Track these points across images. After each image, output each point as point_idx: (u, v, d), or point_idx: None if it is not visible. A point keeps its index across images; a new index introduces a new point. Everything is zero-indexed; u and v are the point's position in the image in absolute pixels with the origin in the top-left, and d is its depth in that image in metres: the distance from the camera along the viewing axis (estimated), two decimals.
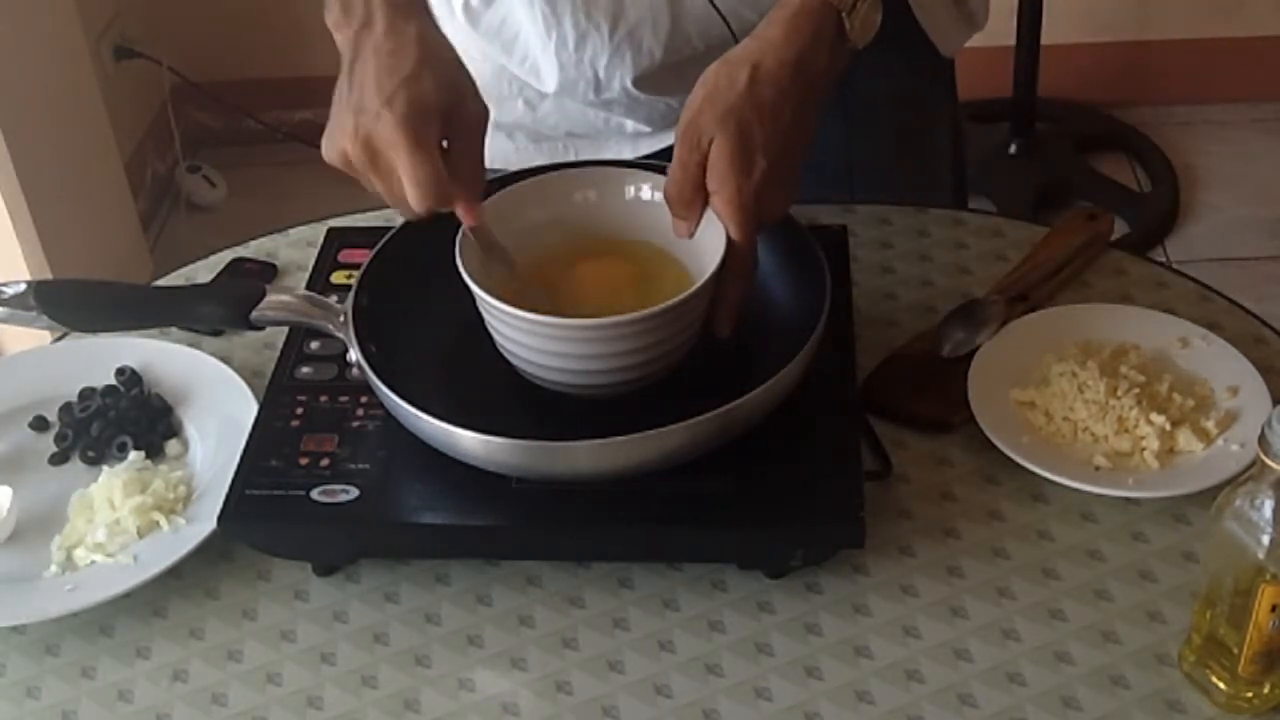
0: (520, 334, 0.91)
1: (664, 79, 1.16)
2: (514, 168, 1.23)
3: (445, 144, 0.90)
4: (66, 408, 1.06)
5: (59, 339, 1.14)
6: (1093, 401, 0.99)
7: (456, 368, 0.99)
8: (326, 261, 1.12)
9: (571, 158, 1.25)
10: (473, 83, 0.93)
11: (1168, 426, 0.97)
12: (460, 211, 0.92)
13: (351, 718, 0.87)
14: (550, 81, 1.18)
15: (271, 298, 0.97)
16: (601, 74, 1.15)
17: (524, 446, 0.87)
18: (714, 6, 1.10)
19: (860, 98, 1.22)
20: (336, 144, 0.91)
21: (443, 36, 0.94)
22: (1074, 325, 1.06)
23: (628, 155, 1.23)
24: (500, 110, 1.23)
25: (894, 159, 1.30)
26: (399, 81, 0.89)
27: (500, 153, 1.25)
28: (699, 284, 0.90)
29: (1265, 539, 0.77)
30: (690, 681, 0.87)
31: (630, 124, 1.22)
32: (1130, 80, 2.92)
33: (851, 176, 1.27)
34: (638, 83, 1.16)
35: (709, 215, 0.93)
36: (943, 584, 0.91)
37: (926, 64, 1.26)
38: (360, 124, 0.89)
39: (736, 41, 0.96)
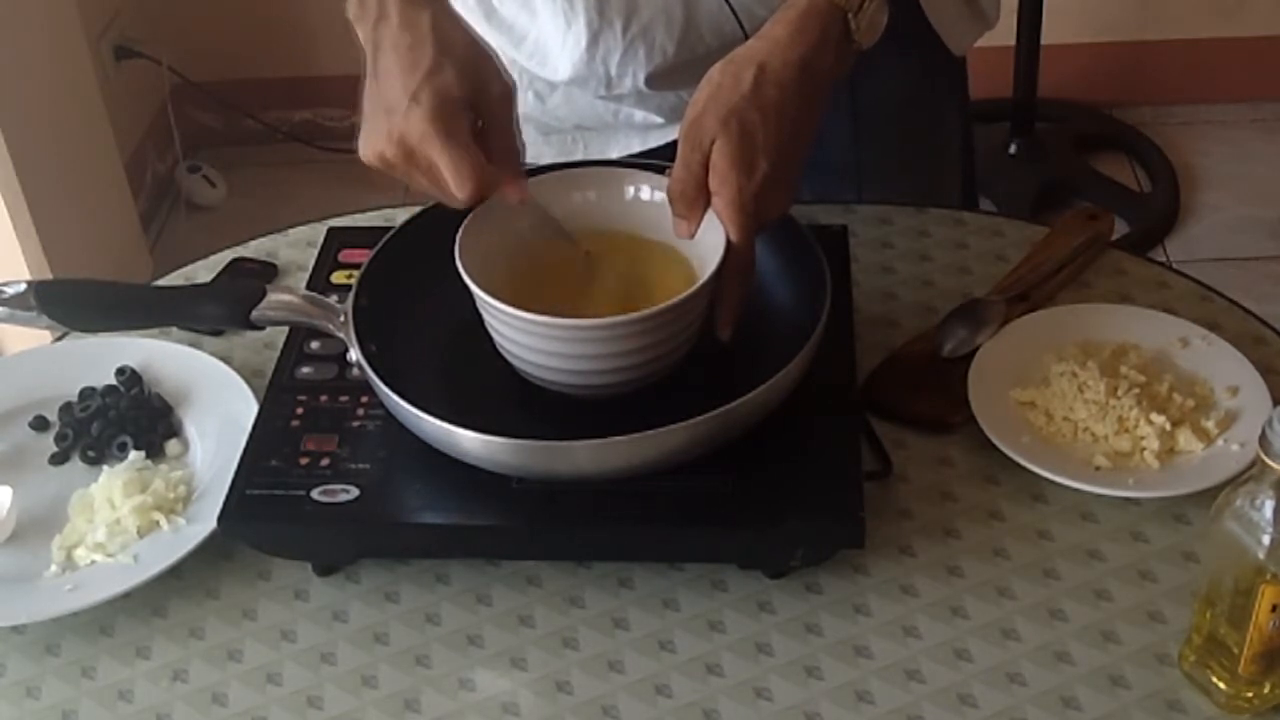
0: (520, 334, 0.91)
1: (676, 76, 1.16)
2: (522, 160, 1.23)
3: (480, 124, 0.91)
4: (66, 408, 1.06)
5: (59, 339, 1.14)
6: (1093, 401, 0.99)
7: (456, 368, 0.99)
8: (326, 261, 1.12)
9: (580, 150, 1.25)
10: (493, 61, 0.94)
11: (1168, 426, 0.97)
12: (507, 192, 0.93)
13: (351, 718, 0.87)
14: (561, 75, 1.18)
15: (272, 298, 0.97)
16: (614, 71, 1.15)
17: (524, 446, 0.87)
18: (727, 3, 1.10)
19: (869, 96, 1.22)
20: (372, 146, 0.92)
21: (457, 20, 0.94)
22: (1074, 325, 1.06)
23: (637, 148, 1.23)
24: None
25: (903, 158, 1.30)
26: (421, 76, 0.89)
27: None
28: (698, 284, 0.90)
29: (1265, 539, 0.77)
30: (690, 681, 0.87)
31: (640, 115, 1.22)
32: (1130, 80, 2.92)
33: (859, 175, 1.27)
34: (650, 80, 1.16)
35: (709, 215, 0.93)
36: (943, 584, 0.91)
37: (936, 63, 1.27)
38: (392, 125, 0.90)
39: (747, 39, 0.96)
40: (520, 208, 0.95)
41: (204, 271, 1.20)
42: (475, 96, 0.91)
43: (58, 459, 1.04)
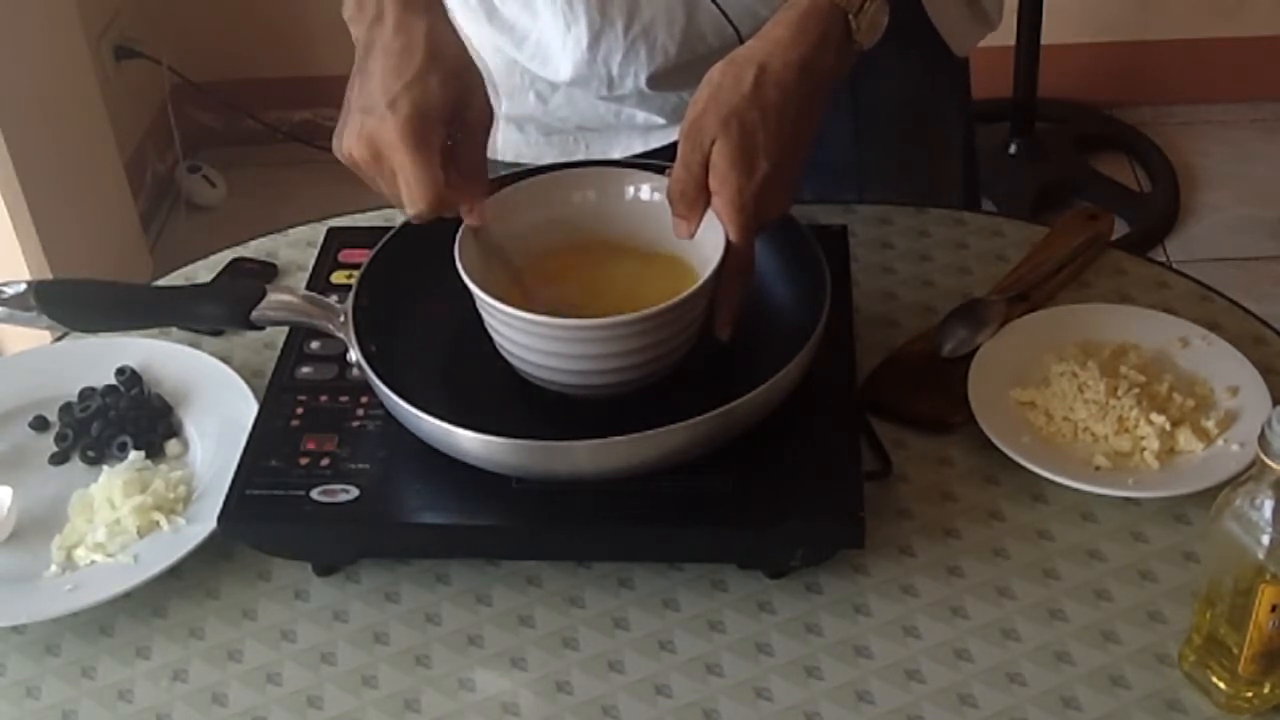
0: (520, 334, 0.91)
1: (678, 76, 1.16)
2: (524, 160, 1.23)
3: (451, 142, 0.91)
4: (66, 408, 1.06)
5: (59, 339, 1.14)
6: (1093, 401, 0.99)
7: (456, 368, 0.99)
8: (326, 261, 1.12)
9: (582, 151, 1.25)
10: (480, 82, 0.94)
11: (1168, 426, 0.97)
12: (464, 213, 0.93)
13: (351, 718, 0.87)
14: (563, 76, 1.18)
15: (271, 298, 0.97)
16: (615, 71, 1.15)
17: (524, 446, 0.87)
18: (718, 8, 1.10)
19: (870, 96, 1.22)
20: (345, 143, 0.92)
21: (453, 32, 0.94)
22: (1074, 325, 1.06)
23: (638, 149, 1.23)
24: (511, 103, 1.23)
25: (903, 158, 1.30)
26: (404, 83, 0.89)
27: (511, 145, 1.25)
28: (698, 284, 0.90)
29: (1265, 539, 0.77)
30: (690, 681, 0.87)
31: (642, 116, 1.22)
32: (1130, 80, 2.92)
33: (860, 175, 1.27)
34: (652, 81, 1.16)
35: (709, 215, 0.93)
36: (943, 584, 0.91)
37: (938, 64, 1.27)
38: (365, 125, 0.90)
39: (743, 42, 0.96)
40: (478, 234, 0.95)
41: (204, 271, 1.20)
42: (454, 113, 0.91)
43: (58, 459, 1.04)
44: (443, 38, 0.93)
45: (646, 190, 0.99)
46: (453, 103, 0.91)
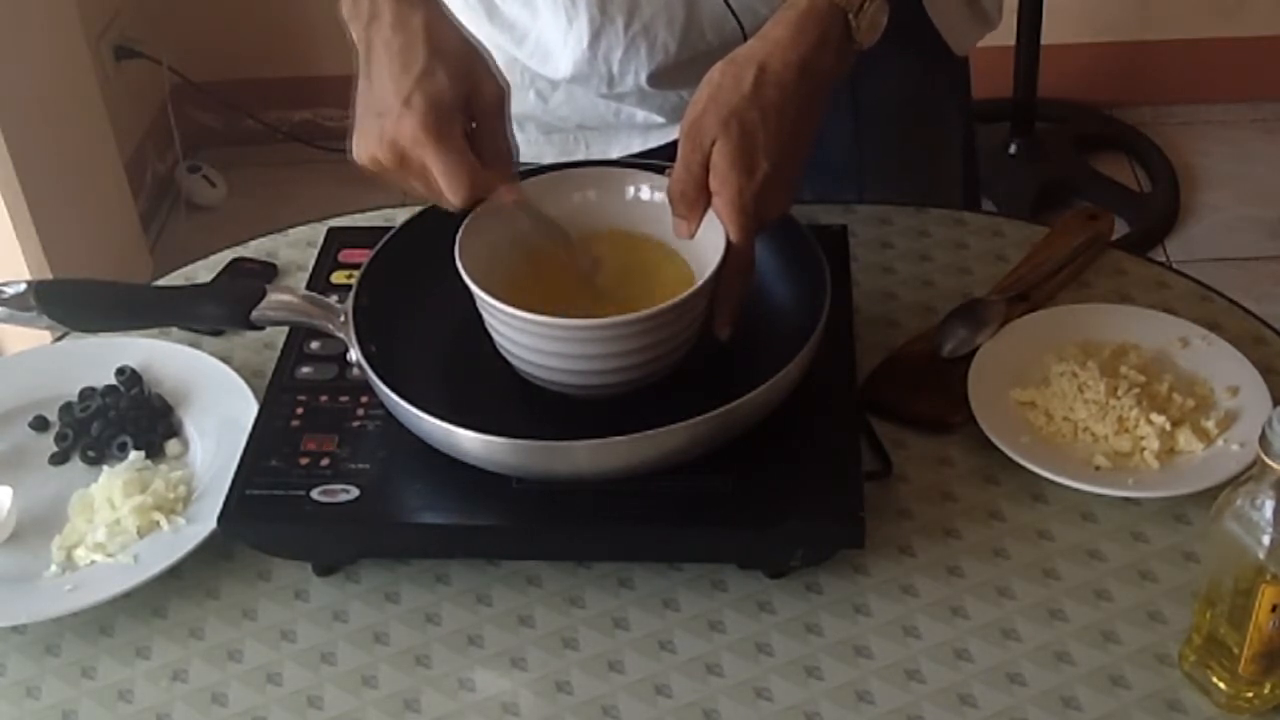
0: (520, 334, 0.91)
1: (678, 74, 1.16)
2: (524, 159, 1.23)
3: (473, 126, 0.92)
4: (66, 408, 1.06)
5: (59, 339, 1.14)
6: (1093, 401, 0.99)
7: (456, 368, 0.99)
8: (326, 261, 1.12)
9: (581, 149, 1.25)
10: (486, 63, 0.94)
11: (1168, 426, 0.97)
12: (501, 193, 0.93)
13: (351, 718, 0.87)
14: (563, 73, 1.18)
15: (272, 298, 0.97)
16: (615, 69, 1.16)
17: (524, 446, 0.87)
18: (726, 3, 1.10)
19: (870, 96, 1.23)
20: (365, 149, 0.92)
21: (450, 21, 0.94)
22: (1074, 325, 1.06)
23: (638, 147, 1.23)
24: (511, 101, 1.23)
25: (903, 158, 1.30)
26: (414, 80, 0.89)
27: None
28: (699, 284, 0.90)
29: (1265, 539, 0.77)
30: (690, 681, 0.87)
31: (642, 115, 1.22)
32: (1130, 80, 2.92)
33: (860, 175, 1.27)
34: (652, 79, 1.16)
35: (709, 215, 0.93)
36: (943, 584, 0.91)
37: (938, 63, 1.27)
38: (385, 128, 0.90)
39: (746, 39, 0.96)
40: (519, 208, 0.95)
41: (204, 271, 1.20)
42: (468, 99, 0.91)
43: (58, 459, 1.04)
44: (441, 28, 0.93)
45: (646, 190, 0.99)
46: (464, 90, 0.91)
